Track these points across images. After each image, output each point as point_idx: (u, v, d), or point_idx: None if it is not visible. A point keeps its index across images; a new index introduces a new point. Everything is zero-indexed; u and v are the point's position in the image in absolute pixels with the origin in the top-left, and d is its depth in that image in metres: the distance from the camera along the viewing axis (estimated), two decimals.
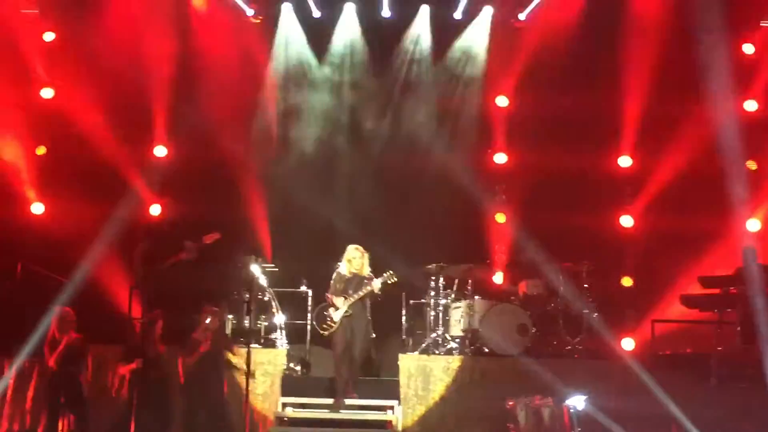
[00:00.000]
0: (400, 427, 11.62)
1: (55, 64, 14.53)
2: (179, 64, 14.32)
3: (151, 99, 14.34)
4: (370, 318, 11.79)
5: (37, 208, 14.30)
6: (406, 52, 14.95)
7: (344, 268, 11.80)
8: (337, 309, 11.61)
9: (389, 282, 11.65)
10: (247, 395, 9.97)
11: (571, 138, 14.19)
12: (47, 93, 14.55)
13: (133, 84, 14.05)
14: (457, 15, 14.94)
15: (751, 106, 14.49)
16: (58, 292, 12.27)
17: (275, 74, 14.84)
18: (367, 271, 11.76)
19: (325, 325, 11.67)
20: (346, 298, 11.61)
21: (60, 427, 11.10)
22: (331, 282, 11.85)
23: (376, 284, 11.54)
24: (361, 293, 11.56)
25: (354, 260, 11.73)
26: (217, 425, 11.02)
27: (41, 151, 14.37)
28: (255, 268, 12.59)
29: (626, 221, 14.51)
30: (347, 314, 11.57)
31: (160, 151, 14.55)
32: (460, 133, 14.68)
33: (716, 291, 12.34)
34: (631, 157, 14.63)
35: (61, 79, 14.48)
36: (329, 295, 11.77)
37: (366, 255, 11.79)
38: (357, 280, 11.69)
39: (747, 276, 11.93)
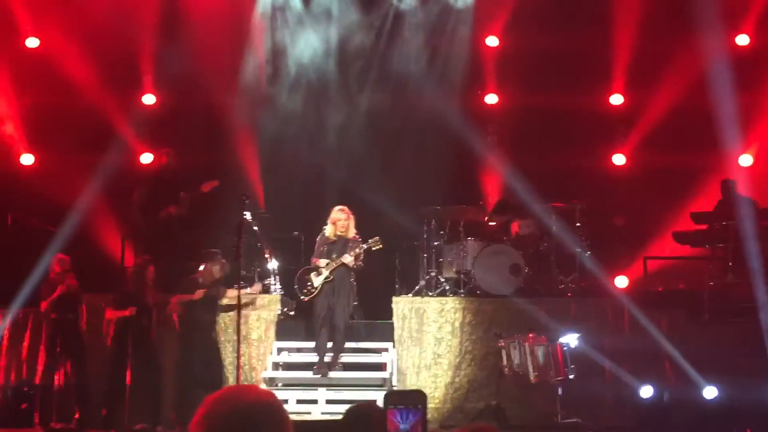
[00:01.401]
0: (394, 369, 11.61)
1: (39, 12, 14.24)
2: (165, 10, 14.06)
3: (137, 46, 14.12)
4: (354, 282, 11.33)
5: (27, 159, 14.13)
6: None
7: (329, 230, 11.37)
8: (318, 274, 11.20)
9: (373, 248, 11.18)
10: (239, 340, 9.91)
11: (563, 77, 14.01)
12: (32, 42, 14.28)
13: (119, 31, 13.80)
14: None
15: (742, 40, 14.26)
16: (49, 242, 12.19)
17: (262, 17, 14.55)
18: (352, 233, 11.32)
19: (305, 290, 11.25)
20: (328, 263, 11.19)
21: (57, 377, 11.07)
22: (316, 245, 11.50)
23: (347, 258, 11.06)
24: (338, 262, 11.11)
25: (339, 222, 11.26)
26: (212, 371, 10.99)
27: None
28: (247, 215, 12.45)
29: (618, 160, 14.37)
30: (328, 279, 11.15)
31: (149, 99, 14.35)
32: (451, 75, 14.46)
33: (706, 227, 12.28)
34: (623, 95, 14.46)
35: (47, 28, 14.20)
36: (315, 258, 11.37)
37: (351, 217, 11.32)
38: (342, 243, 11.26)
39: (728, 209, 11.87)
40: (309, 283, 11.27)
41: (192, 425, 3.11)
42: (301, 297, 11.37)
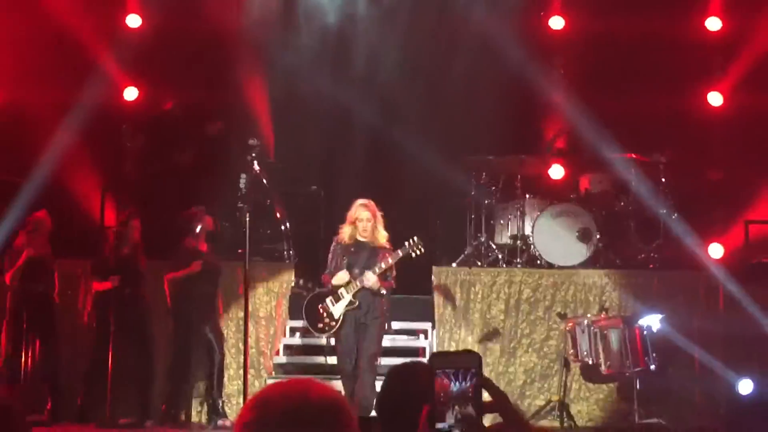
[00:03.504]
0: None
1: None
2: None
3: None
4: (387, 304, 10.08)
5: None
6: None
7: (347, 233, 10.05)
8: (337, 300, 9.98)
9: (412, 255, 9.99)
10: (246, 318, 10.03)
11: None
12: None
13: None
14: None
15: None
16: (14, 197, 12.34)
17: None
18: (383, 237, 10.01)
19: (321, 325, 10.03)
20: (350, 282, 9.91)
21: (23, 360, 11.25)
22: (329, 256, 10.27)
23: (370, 280, 9.75)
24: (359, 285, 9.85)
25: (360, 223, 9.91)
26: (209, 356, 11.12)
27: None
28: (255, 165, 12.54)
29: (715, 99, 14.29)
30: (352, 306, 9.91)
31: (133, 20, 14.38)
32: None
33: None
34: (722, 19, 14.33)
35: None
36: (327, 276, 10.16)
37: (379, 215, 10.00)
38: (368, 251, 9.97)
39: None
40: (325, 315, 10.03)
41: (237, 426, 3.11)
42: (317, 334, 10.33)
